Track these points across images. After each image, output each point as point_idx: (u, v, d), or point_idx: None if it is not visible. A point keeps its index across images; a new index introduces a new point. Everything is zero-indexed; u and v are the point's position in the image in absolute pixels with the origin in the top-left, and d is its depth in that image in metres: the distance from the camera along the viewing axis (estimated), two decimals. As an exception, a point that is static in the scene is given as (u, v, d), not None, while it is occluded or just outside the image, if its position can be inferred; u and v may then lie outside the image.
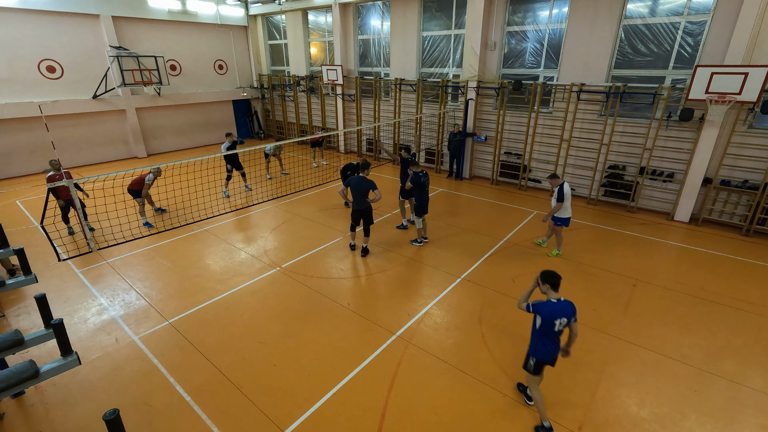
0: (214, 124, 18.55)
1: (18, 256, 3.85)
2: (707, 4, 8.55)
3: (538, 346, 3.97)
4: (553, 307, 3.80)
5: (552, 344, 3.94)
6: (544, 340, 3.92)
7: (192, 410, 4.37)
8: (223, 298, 6.42)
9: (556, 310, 3.79)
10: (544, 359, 3.99)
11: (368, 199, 7.37)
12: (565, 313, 3.82)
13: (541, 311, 3.83)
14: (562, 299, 3.86)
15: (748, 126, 8.61)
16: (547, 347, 3.94)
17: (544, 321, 3.82)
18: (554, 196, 7.33)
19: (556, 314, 3.79)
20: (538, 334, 3.94)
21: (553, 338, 3.92)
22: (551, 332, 3.86)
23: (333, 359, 5.09)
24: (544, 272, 3.93)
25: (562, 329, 3.88)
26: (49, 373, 3.06)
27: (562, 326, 3.84)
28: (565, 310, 3.82)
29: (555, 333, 3.87)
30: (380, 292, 6.63)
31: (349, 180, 7.29)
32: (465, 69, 12.20)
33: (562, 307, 3.81)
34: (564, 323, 3.83)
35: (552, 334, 3.87)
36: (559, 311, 3.80)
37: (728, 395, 4.56)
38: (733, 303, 6.29)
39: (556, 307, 3.80)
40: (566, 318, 3.83)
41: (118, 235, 7.95)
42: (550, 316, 3.79)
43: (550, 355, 3.98)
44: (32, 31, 12.90)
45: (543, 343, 3.94)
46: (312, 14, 16.58)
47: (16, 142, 13.29)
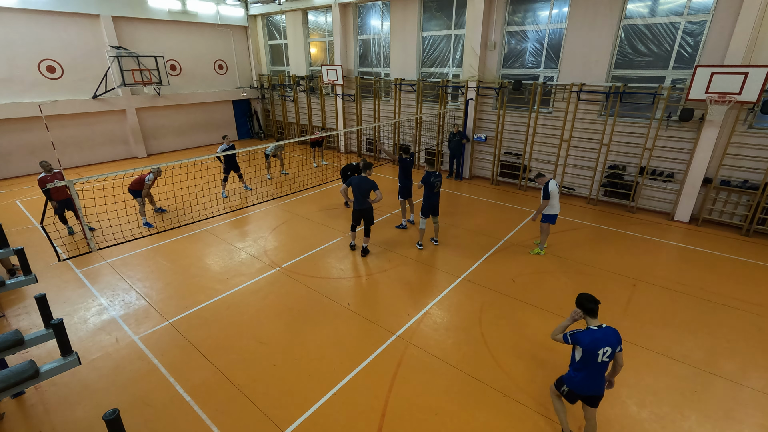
0: (214, 124, 18.55)
1: (18, 256, 3.85)
2: (707, 4, 8.55)
3: (574, 376, 3.57)
4: (595, 335, 3.37)
5: (593, 378, 3.47)
6: (584, 371, 3.49)
7: (192, 410, 4.37)
8: (223, 298, 6.42)
9: (598, 339, 3.35)
10: (579, 392, 3.58)
11: (369, 200, 7.37)
12: (609, 341, 3.37)
13: (581, 341, 3.40)
14: (604, 326, 3.44)
15: (748, 126, 8.61)
16: (585, 380, 3.50)
17: (586, 351, 3.39)
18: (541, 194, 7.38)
19: (599, 343, 3.34)
20: (579, 366, 3.50)
21: (595, 370, 3.43)
22: (594, 363, 3.40)
23: (333, 359, 5.09)
24: (579, 297, 3.52)
25: (608, 360, 3.41)
26: (49, 373, 3.06)
27: (606, 356, 3.37)
28: (609, 338, 3.38)
29: (598, 365, 3.40)
30: (380, 292, 6.64)
31: (351, 180, 7.30)
32: (465, 69, 12.20)
33: (605, 335, 3.37)
34: (608, 353, 3.38)
35: (595, 365, 3.40)
36: (602, 340, 3.35)
37: (728, 395, 4.56)
38: (733, 303, 6.29)
39: (598, 335, 3.37)
40: (610, 347, 3.38)
41: (118, 235, 7.95)
42: (592, 346, 3.35)
43: (589, 390, 3.51)
44: (32, 31, 12.90)
45: (582, 375, 3.52)
46: (312, 14, 16.58)
47: (16, 142, 13.29)
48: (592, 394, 3.57)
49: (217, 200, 10.48)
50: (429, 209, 7.78)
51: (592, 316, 3.48)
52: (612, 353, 3.41)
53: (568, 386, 3.63)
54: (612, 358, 3.43)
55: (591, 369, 3.45)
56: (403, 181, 8.71)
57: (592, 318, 3.48)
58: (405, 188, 8.73)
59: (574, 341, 3.47)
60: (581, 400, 3.66)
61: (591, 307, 3.45)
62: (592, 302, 3.44)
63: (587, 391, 3.56)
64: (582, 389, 3.55)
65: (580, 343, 3.42)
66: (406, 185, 8.70)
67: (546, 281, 6.90)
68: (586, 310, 3.48)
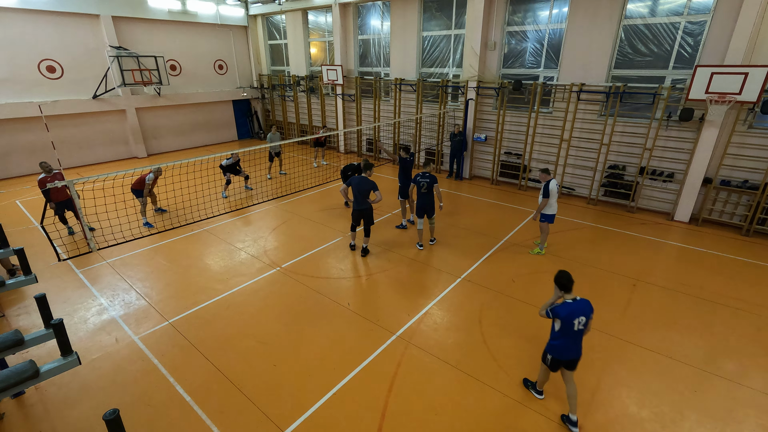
0: (214, 124, 18.56)
1: (18, 256, 3.86)
2: (707, 4, 8.55)
3: (555, 344, 4.00)
4: (571, 307, 3.84)
5: (571, 344, 3.94)
6: (563, 339, 3.94)
7: (192, 410, 4.37)
8: (223, 298, 6.42)
9: (573, 310, 3.82)
10: (561, 358, 4.02)
11: (369, 200, 7.37)
12: (584, 311, 3.85)
13: (560, 314, 3.84)
14: (578, 298, 3.89)
15: (748, 126, 8.61)
16: (565, 347, 3.96)
17: (564, 322, 3.83)
18: (540, 192, 7.38)
19: (574, 314, 3.82)
20: (558, 335, 3.95)
21: (573, 338, 3.92)
22: (571, 332, 3.87)
23: (333, 359, 5.09)
24: (557, 275, 3.95)
25: (582, 328, 3.89)
26: (49, 373, 3.06)
27: (581, 325, 3.86)
28: (584, 309, 3.85)
29: (575, 332, 3.88)
30: (380, 292, 6.63)
31: (351, 180, 7.29)
32: (465, 69, 12.20)
33: (579, 306, 3.84)
34: (583, 322, 3.86)
35: (572, 333, 3.88)
36: (577, 311, 3.83)
37: (728, 395, 4.56)
38: (733, 303, 6.29)
39: (573, 307, 3.84)
40: (585, 317, 3.85)
41: (118, 235, 7.95)
42: (569, 317, 3.81)
43: (569, 355, 3.98)
44: (32, 31, 12.90)
45: (561, 342, 3.96)
46: (312, 14, 16.58)
47: (16, 142, 13.29)
48: (572, 359, 4.04)
49: (217, 200, 10.48)
50: (420, 209, 7.79)
51: (567, 292, 3.91)
52: (586, 322, 3.88)
53: (551, 354, 4.07)
54: (586, 326, 3.90)
55: (569, 337, 3.92)
56: (403, 181, 8.71)
57: (567, 293, 3.91)
58: (405, 188, 8.72)
59: (554, 315, 3.91)
60: (562, 366, 4.09)
61: (566, 284, 3.89)
62: (568, 280, 3.89)
63: (567, 356, 4.02)
64: (563, 355, 4.01)
65: (558, 315, 3.86)
66: (406, 185, 8.70)
67: (546, 281, 6.90)
68: (562, 286, 3.91)
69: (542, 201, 7.27)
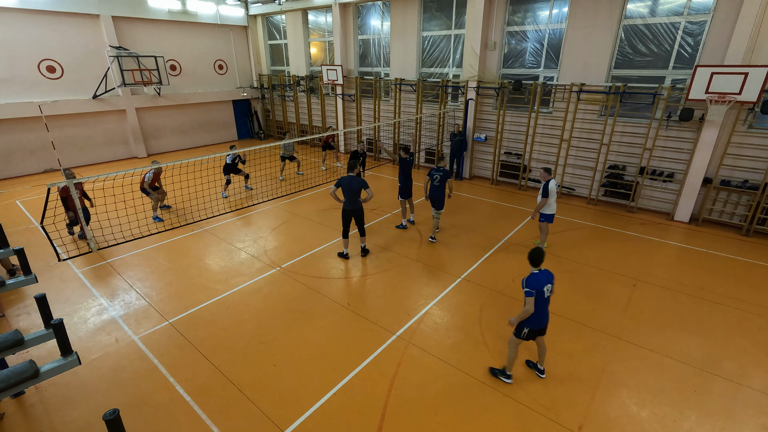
0: (214, 124, 18.56)
1: (18, 256, 3.85)
2: (707, 4, 8.55)
3: (535, 316, 4.34)
4: (539, 276, 4.31)
5: (543, 312, 4.38)
6: (537, 309, 4.30)
7: (192, 410, 4.37)
8: (223, 298, 6.42)
9: (541, 279, 4.30)
10: (536, 327, 4.43)
11: (360, 199, 7.28)
12: (549, 279, 4.37)
13: (534, 285, 4.24)
14: (543, 269, 4.39)
15: (748, 126, 8.61)
16: (538, 316, 4.36)
17: (537, 292, 4.25)
18: (540, 192, 7.38)
19: (542, 282, 4.29)
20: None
21: (544, 306, 4.36)
22: (542, 299, 4.30)
23: (333, 359, 5.09)
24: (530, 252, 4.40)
25: (550, 295, 4.37)
26: (49, 373, 3.06)
27: (549, 292, 4.35)
28: (548, 277, 4.37)
29: (545, 300, 4.34)
30: (380, 292, 6.63)
31: (340, 180, 7.13)
32: (465, 69, 12.20)
33: (545, 275, 4.35)
34: (550, 288, 4.35)
35: (542, 301, 4.32)
36: (544, 279, 4.32)
37: (728, 395, 4.56)
38: (733, 303, 6.29)
39: (541, 276, 4.31)
40: (550, 284, 4.36)
41: (118, 235, 7.95)
42: (539, 285, 4.26)
43: (542, 323, 4.45)
44: (32, 31, 12.90)
45: (535, 312, 4.31)
46: (312, 14, 16.58)
47: (16, 142, 13.29)
48: (543, 325, 4.49)
49: (217, 200, 10.47)
50: (432, 202, 8.22)
51: (535, 265, 4.36)
52: (552, 288, 4.39)
53: (528, 327, 4.42)
54: (551, 292, 4.40)
55: (541, 305, 4.32)
56: (403, 182, 8.69)
57: (535, 266, 4.36)
58: (405, 188, 8.71)
59: (530, 287, 4.24)
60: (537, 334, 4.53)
61: (537, 259, 4.34)
62: (540, 255, 4.36)
63: (540, 324, 4.45)
64: (537, 324, 4.42)
65: (532, 285, 4.24)
66: (405, 185, 8.69)
67: (546, 281, 6.90)
68: (534, 261, 4.36)
69: (541, 201, 7.29)
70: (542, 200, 7.28)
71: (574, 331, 5.64)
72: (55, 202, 8.67)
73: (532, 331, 4.44)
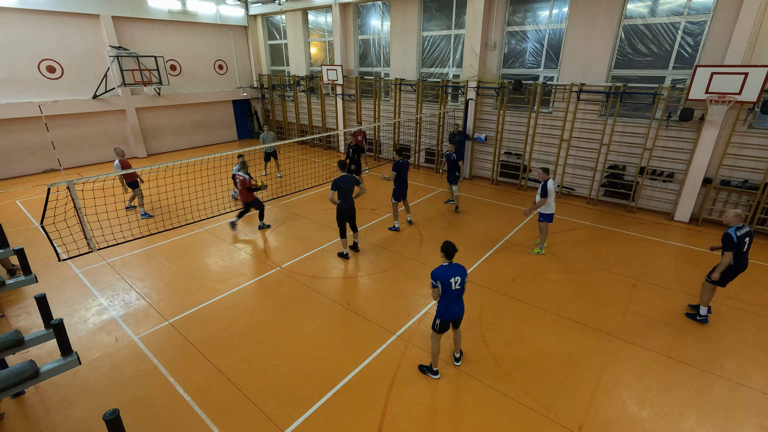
0: (214, 124, 18.56)
1: (18, 256, 3.86)
2: (707, 4, 8.55)
3: (440, 307, 4.55)
4: (445, 269, 4.42)
5: (453, 303, 4.51)
6: (445, 300, 4.49)
7: (192, 410, 4.37)
8: (223, 298, 6.42)
9: (448, 272, 4.40)
10: (447, 318, 4.57)
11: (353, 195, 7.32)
12: (458, 273, 4.44)
13: (438, 276, 4.40)
14: (454, 263, 4.49)
15: (748, 126, 8.61)
16: (448, 307, 4.51)
17: (442, 283, 4.39)
18: (538, 192, 7.40)
19: (449, 274, 4.39)
20: (441, 298, 4.51)
21: (453, 297, 4.48)
22: (450, 291, 4.43)
23: (333, 359, 5.09)
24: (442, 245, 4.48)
25: (460, 288, 4.46)
26: (49, 373, 3.06)
27: (458, 284, 4.43)
28: (458, 271, 4.45)
29: (453, 292, 4.45)
30: (380, 292, 6.63)
31: (337, 183, 7.10)
32: (465, 69, 12.20)
33: (453, 268, 4.44)
34: (459, 281, 4.43)
35: (451, 292, 4.44)
36: (452, 272, 4.41)
37: (728, 395, 4.56)
38: (733, 303, 6.29)
39: (447, 269, 4.41)
40: (459, 277, 4.43)
41: (118, 235, 7.95)
42: (444, 277, 4.37)
43: (452, 314, 4.55)
44: (32, 31, 12.90)
45: (444, 303, 4.50)
46: (312, 14, 16.58)
47: (16, 142, 13.29)
48: (455, 318, 4.60)
49: (217, 200, 10.46)
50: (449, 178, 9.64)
51: (447, 258, 4.46)
52: (462, 281, 4.44)
53: (439, 318, 4.57)
54: (462, 285, 4.47)
55: (449, 296, 4.46)
56: (398, 184, 8.63)
57: (447, 259, 4.46)
58: (399, 191, 8.66)
59: (434, 278, 4.42)
60: (451, 325, 4.68)
61: (449, 252, 4.43)
62: (451, 248, 4.43)
63: (452, 316, 4.55)
64: (447, 316, 4.53)
65: (438, 277, 4.39)
66: (400, 188, 8.63)
67: (546, 281, 6.90)
68: (446, 253, 4.45)
69: (540, 200, 7.29)
70: (541, 200, 7.28)
71: (574, 331, 5.64)
72: (55, 202, 8.66)
73: (443, 322, 4.57)
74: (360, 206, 10.04)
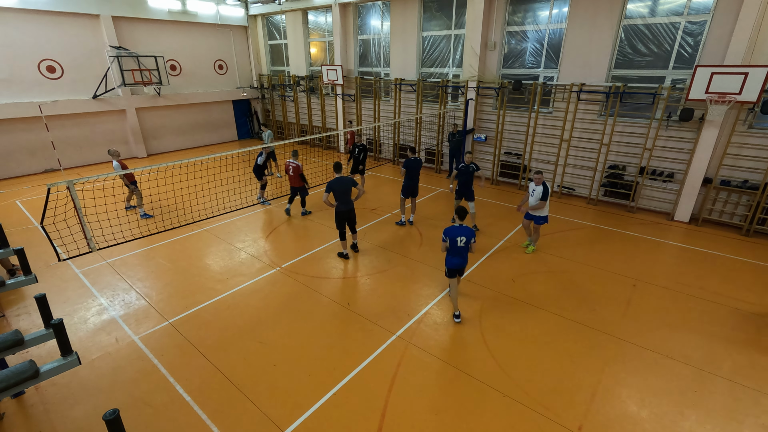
0: (214, 124, 18.56)
1: (18, 256, 3.86)
2: (707, 4, 8.55)
3: (447, 258, 5.70)
4: (454, 229, 5.53)
5: (457, 256, 5.61)
6: (451, 253, 5.60)
7: (192, 410, 4.37)
8: (223, 298, 6.42)
9: (456, 231, 5.50)
10: (453, 267, 5.69)
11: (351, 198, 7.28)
12: (464, 233, 5.49)
13: (447, 233, 5.53)
14: (462, 225, 5.57)
15: (748, 126, 8.61)
16: (453, 259, 5.64)
17: (450, 240, 5.51)
18: (536, 194, 7.30)
19: (456, 234, 5.49)
20: (449, 253, 5.63)
21: (457, 251, 5.57)
22: (455, 247, 5.53)
23: (333, 359, 5.10)
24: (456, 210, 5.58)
25: (464, 246, 5.51)
26: (49, 373, 3.06)
27: (462, 243, 5.49)
28: (464, 231, 5.51)
29: (458, 248, 5.53)
30: (380, 292, 6.63)
31: (330, 185, 7.05)
32: (465, 69, 12.20)
33: (461, 229, 5.52)
34: (463, 241, 5.48)
35: (456, 248, 5.54)
36: (458, 232, 5.49)
37: (728, 395, 4.56)
38: (733, 303, 6.29)
39: (456, 229, 5.52)
40: (465, 237, 5.48)
41: (118, 235, 7.95)
42: (452, 235, 5.49)
43: (457, 264, 5.65)
44: (32, 31, 12.90)
45: (451, 256, 5.63)
46: (312, 14, 16.58)
47: (16, 142, 13.29)
48: (457, 267, 5.71)
49: (217, 200, 10.45)
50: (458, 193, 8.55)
51: (459, 220, 5.57)
52: (467, 241, 5.51)
53: (447, 266, 5.76)
54: (467, 244, 5.54)
55: (454, 251, 5.58)
56: (407, 182, 8.70)
57: (459, 220, 5.57)
58: (408, 188, 8.73)
59: (445, 234, 5.55)
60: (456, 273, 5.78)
61: (460, 214, 5.55)
62: (463, 211, 5.56)
63: (454, 266, 5.68)
64: (451, 264, 5.70)
65: (447, 234, 5.54)
66: (409, 185, 8.70)
67: (546, 281, 6.90)
68: (457, 215, 5.57)
69: (539, 203, 7.22)
70: (541, 202, 7.23)
71: (574, 331, 5.64)
72: (55, 202, 8.67)
73: (450, 270, 5.72)
74: (360, 206, 10.05)
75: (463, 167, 8.28)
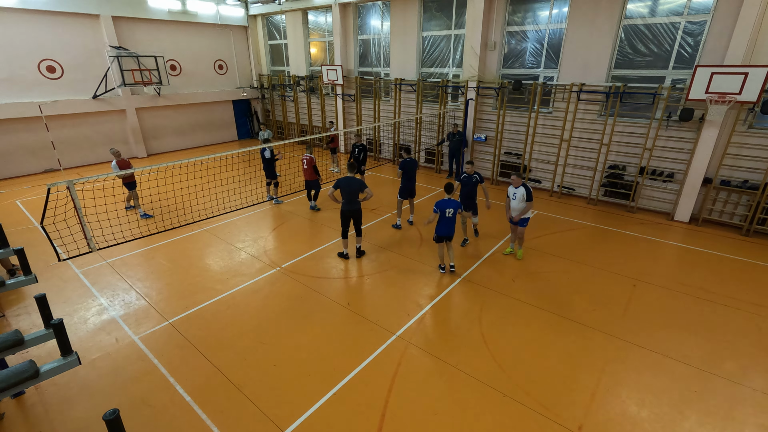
0: (214, 124, 18.57)
1: (18, 256, 3.86)
2: (707, 4, 8.55)
3: (437, 227, 6.68)
4: (443, 201, 6.52)
5: (445, 226, 6.60)
6: (441, 223, 6.59)
7: (192, 410, 4.37)
8: (223, 298, 6.42)
9: (444, 203, 6.50)
10: (441, 234, 6.68)
11: (359, 199, 7.23)
12: (451, 205, 6.50)
13: (437, 205, 6.52)
14: (450, 198, 6.55)
15: (748, 126, 8.61)
16: (442, 227, 6.62)
17: (440, 211, 6.51)
18: (518, 197, 7.01)
19: (445, 206, 6.49)
20: (439, 222, 6.60)
21: (446, 222, 6.57)
22: (444, 218, 6.54)
23: (333, 359, 5.10)
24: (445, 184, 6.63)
25: (452, 216, 6.52)
26: (49, 373, 3.06)
27: (450, 214, 6.50)
28: (451, 204, 6.51)
29: (447, 219, 6.54)
30: (380, 292, 6.64)
31: (338, 182, 7.10)
32: (465, 69, 12.20)
33: (449, 201, 6.51)
34: (451, 212, 6.51)
35: (445, 219, 6.55)
36: (447, 204, 6.50)
37: (728, 395, 4.56)
38: (733, 303, 6.30)
39: (445, 201, 6.51)
40: (452, 208, 6.50)
41: (118, 235, 7.95)
42: (441, 207, 6.51)
43: (445, 232, 6.64)
44: (32, 31, 12.90)
45: (440, 225, 6.62)
46: (312, 14, 16.58)
47: (16, 142, 13.29)
48: (446, 235, 6.67)
49: (217, 200, 10.45)
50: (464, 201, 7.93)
51: (447, 193, 6.62)
52: (453, 213, 6.54)
53: (436, 233, 6.73)
54: (453, 216, 6.56)
55: (443, 221, 6.58)
56: (404, 183, 8.69)
57: (447, 194, 6.60)
58: (405, 189, 8.71)
59: (436, 206, 6.55)
60: (445, 240, 6.75)
61: (448, 189, 6.62)
62: (450, 186, 6.61)
63: (445, 233, 6.66)
64: (441, 232, 6.67)
65: (438, 206, 6.53)
66: (406, 186, 8.69)
67: (546, 281, 6.90)
68: (446, 189, 6.63)
69: (528, 205, 7.02)
70: (529, 204, 7.02)
71: (574, 331, 5.64)
72: (54, 202, 8.66)
73: (439, 237, 6.68)
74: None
75: (466, 178, 7.77)
